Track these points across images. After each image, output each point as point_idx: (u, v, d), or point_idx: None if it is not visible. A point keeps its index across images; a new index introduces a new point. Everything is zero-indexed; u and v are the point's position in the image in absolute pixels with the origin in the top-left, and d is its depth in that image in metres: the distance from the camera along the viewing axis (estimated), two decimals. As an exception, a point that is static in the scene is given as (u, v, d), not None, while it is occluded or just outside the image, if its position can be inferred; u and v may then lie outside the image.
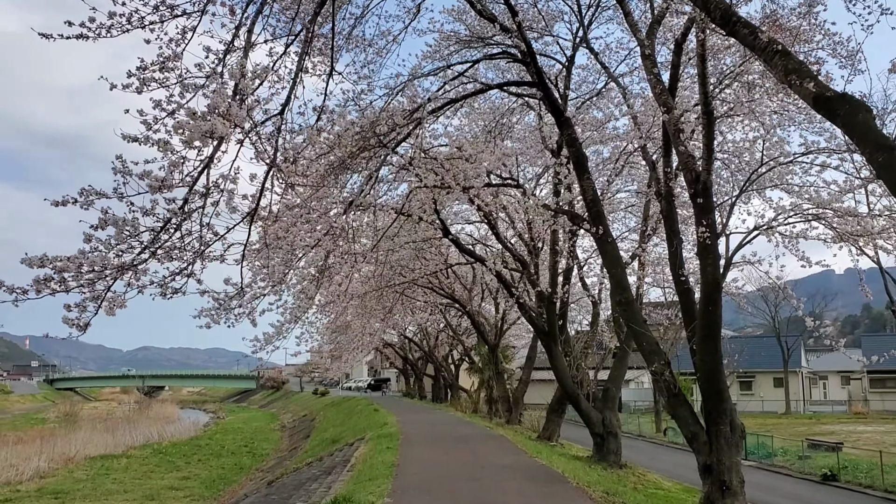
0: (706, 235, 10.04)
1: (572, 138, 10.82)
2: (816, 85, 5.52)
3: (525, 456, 12.80)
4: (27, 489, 23.50)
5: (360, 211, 12.94)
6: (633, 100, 13.01)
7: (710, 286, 10.22)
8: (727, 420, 10.77)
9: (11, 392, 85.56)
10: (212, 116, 4.29)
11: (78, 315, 4.76)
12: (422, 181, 12.00)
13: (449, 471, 10.81)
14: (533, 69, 10.67)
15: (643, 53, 10.94)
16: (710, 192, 10.19)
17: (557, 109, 10.88)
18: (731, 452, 10.73)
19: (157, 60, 4.77)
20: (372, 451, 14.36)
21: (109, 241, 4.60)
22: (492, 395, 32.50)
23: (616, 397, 18.33)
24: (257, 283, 10.83)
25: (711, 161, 10.19)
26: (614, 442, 17.25)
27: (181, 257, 5.17)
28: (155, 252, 4.82)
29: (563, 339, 18.31)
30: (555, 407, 22.82)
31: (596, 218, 10.85)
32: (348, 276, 12.42)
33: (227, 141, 4.74)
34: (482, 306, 33.08)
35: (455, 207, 22.47)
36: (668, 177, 10.89)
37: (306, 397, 66.71)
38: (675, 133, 10.29)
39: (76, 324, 4.76)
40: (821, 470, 21.07)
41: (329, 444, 23.60)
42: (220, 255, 5.81)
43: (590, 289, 24.50)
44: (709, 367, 10.57)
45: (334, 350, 34.08)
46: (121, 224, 4.58)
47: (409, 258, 22.05)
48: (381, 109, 10.17)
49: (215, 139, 4.55)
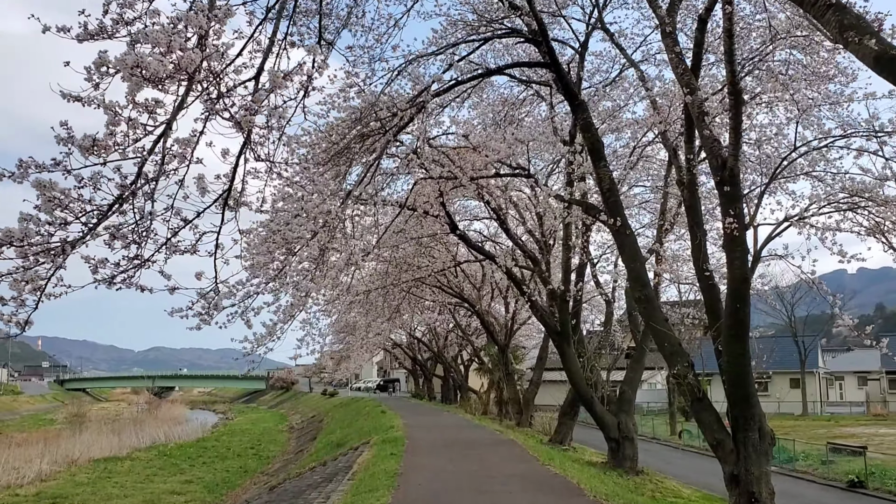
0: (734, 226, 9.22)
1: (587, 123, 10.03)
2: (878, 42, 4.73)
3: (537, 463, 12.03)
4: (26, 493, 23.02)
5: (360, 204, 12.24)
6: (652, 82, 12.17)
7: (738, 281, 9.40)
8: (756, 426, 9.95)
9: (22, 393, 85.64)
10: (153, 55, 3.59)
11: (14, 310, 4.07)
12: (427, 171, 11.26)
13: (455, 481, 10.06)
14: (545, 48, 9.90)
15: (663, 31, 10.14)
16: (738, 178, 9.36)
17: (571, 92, 10.10)
18: (760, 461, 9.92)
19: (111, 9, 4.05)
20: (375, 457, 13.65)
21: (38, 218, 3.90)
22: (502, 397, 31.79)
23: (632, 400, 17.51)
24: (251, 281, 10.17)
25: (739, 145, 9.38)
26: (630, 447, 16.44)
27: (138, 243, 4.45)
28: (93, 229, 4.08)
29: (576, 339, 17.51)
30: (567, 409, 22.06)
31: (613, 208, 10.05)
32: (348, 271, 11.68)
33: (184, 100, 4.03)
34: (492, 306, 32.41)
35: (462, 202, 21.79)
36: (691, 164, 10.08)
37: (315, 398, 66.25)
38: (699, 116, 9.49)
39: (11, 320, 4.06)
40: (847, 476, 20.11)
41: (334, 447, 22.98)
42: (192, 245, 5.09)
43: (603, 287, 23.72)
44: (736, 370, 9.76)
45: (343, 350, 33.52)
46: (57, 199, 3.88)
47: (414, 255, 21.32)
48: (381, 92, 9.43)
49: (164, 89, 3.85)
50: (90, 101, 4.10)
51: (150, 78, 3.74)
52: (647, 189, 21.57)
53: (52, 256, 4.20)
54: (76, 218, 4.19)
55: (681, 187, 10.32)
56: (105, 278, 4.64)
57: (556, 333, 17.07)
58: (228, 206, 5.00)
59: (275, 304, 9.83)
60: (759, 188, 10.96)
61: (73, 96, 4.09)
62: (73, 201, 4.20)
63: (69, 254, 4.21)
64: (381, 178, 13.79)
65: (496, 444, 15.96)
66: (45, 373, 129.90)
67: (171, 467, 29.01)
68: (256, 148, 5.19)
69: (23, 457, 28.80)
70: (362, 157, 10.58)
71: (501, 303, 31.79)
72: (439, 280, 25.40)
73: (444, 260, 23.48)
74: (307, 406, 60.43)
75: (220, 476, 26.78)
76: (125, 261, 4.50)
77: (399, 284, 22.78)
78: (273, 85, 4.44)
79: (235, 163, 4.91)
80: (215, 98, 4.35)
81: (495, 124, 15.31)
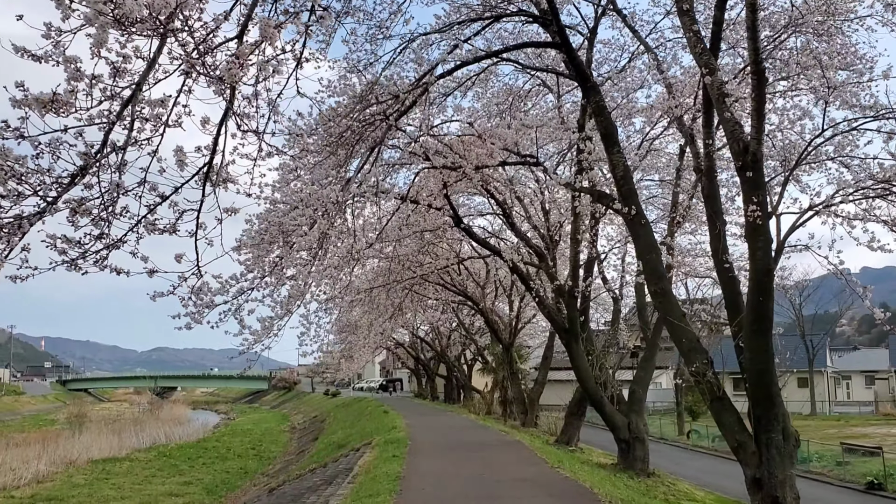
0: (756, 215, 8.67)
1: (600, 106, 9.47)
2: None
3: (546, 466, 11.46)
4: (21, 495, 22.57)
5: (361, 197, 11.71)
6: (668, 64, 11.58)
7: (761, 273, 8.85)
8: (779, 427, 9.40)
9: (23, 393, 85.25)
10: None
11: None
12: (429, 160, 10.72)
13: (461, 487, 9.50)
14: (555, 28, 9.35)
15: (680, 9, 9.60)
16: (761, 163, 8.81)
17: (583, 73, 9.54)
18: (784, 464, 9.36)
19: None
20: (377, 459, 13.11)
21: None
22: (506, 397, 31.24)
23: (643, 400, 16.94)
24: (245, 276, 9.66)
25: (762, 128, 8.82)
26: (641, 448, 15.86)
27: (106, 220, 3.91)
28: (52, 204, 3.55)
29: (584, 336, 16.92)
30: (574, 409, 21.51)
31: (628, 196, 9.49)
32: (348, 266, 11.14)
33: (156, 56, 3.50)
34: (496, 304, 31.88)
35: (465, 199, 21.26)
36: (710, 149, 9.52)
37: (317, 398, 65.85)
38: (720, 98, 8.93)
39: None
40: (864, 478, 19.49)
41: (335, 448, 22.48)
42: (171, 224, 4.55)
43: (610, 284, 23.17)
44: (759, 367, 9.20)
45: (345, 350, 33.03)
46: (10, 169, 3.35)
47: (417, 252, 20.80)
48: (381, 71, 8.89)
49: (134, 39, 3.32)
50: (48, 58, 3.57)
51: (120, 19, 3.21)
52: (654, 183, 21.02)
53: (6, 235, 3.67)
54: (34, 192, 3.67)
55: (699, 174, 9.77)
56: (71, 259, 4.11)
57: (565, 331, 16.51)
58: (210, 181, 4.48)
59: (269, 298, 9.33)
60: (780, 175, 10.38)
61: (28, 52, 3.56)
62: (29, 172, 3.67)
63: (26, 231, 3.68)
64: (382, 170, 13.28)
65: (502, 446, 15.40)
66: (48, 373, 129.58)
67: (171, 468, 28.57)
68: (243, 120, 4.65)
69: (21, 457, 28.41)
70: (362, 147, 10.05)
71: (505, 301, 31.29)
72: (442, 278, 24.89)
73: (447, 257, 22.96)
74: (309, 406, 60.02)
75: (219, 477, 26.33)
76: (89, 238, 3.96)
77: (402, 282, 22.26)
78: (264, 36, 3.91)
79: (217, 131, 4.38)
80: (193, 52, 3.81)
81: (500, 115, 14.77)
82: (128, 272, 4.72)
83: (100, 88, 3.51)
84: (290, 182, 10.04)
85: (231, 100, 4.16)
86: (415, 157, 12.98)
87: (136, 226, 4.30)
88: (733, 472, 23.70)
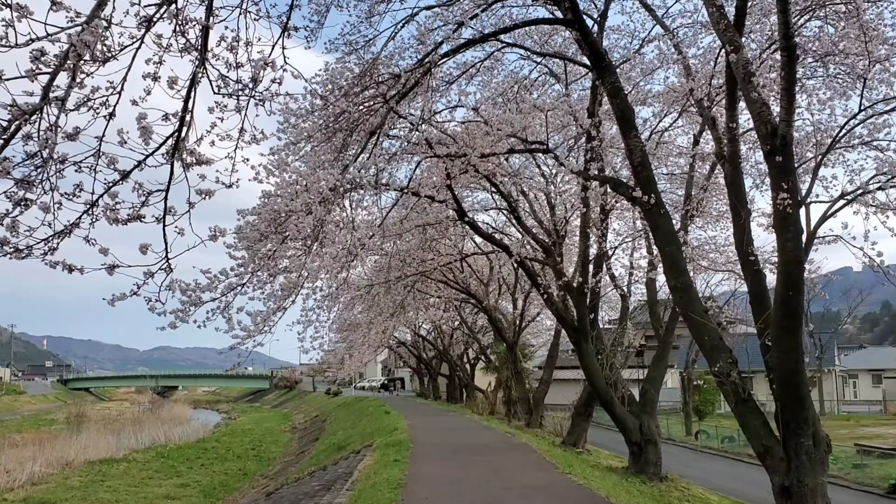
0: (787, 202, 8.01)
1: (616, 87, 8.82)
2: None
3: (556, 472, 10.81)
4: (14, 498, 21.99)
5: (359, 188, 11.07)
6: (689, 40, 10.91)
7: (791, 265, 8.18)
8: (809, 431, 8.73)
9: (24, 392, 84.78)
10: None
11: None
12: (432, 148, 10.08)
13: (466, 495, 8.86)
14: (567, 3, 8.70)
15: (702, -17, 8.95)
16: (791, 147, 8.15)
17: (598, 52, 8.89)
18: (814, 471, 8.69)
19: None
20: (377, 463, 12.48)
21: None
22: (510, 396, 30.62)
23: (655, 400, 16.31)
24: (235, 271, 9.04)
25: (793, 109, 8.16)
26: (654, 451, 15.22)
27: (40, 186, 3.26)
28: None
29: (594, 334, 16.27)
30: (581, 409, 20.89)
31: (646, 183, 8.84)
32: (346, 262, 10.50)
33: None
34: (499, 302, 31.27)
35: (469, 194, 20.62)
36: (734, 133, 8.86)
37: (319, 397, 65.32)
38: (745, 77, 8.27)
39: None
40: (885, 481, 18.81)
41: (336, 450, 21.87)
42: (135, 209, 3.91)
43: (618, 281, 22.51)
44: (787, 367, 8.54)
45: (346, 349, 32.45)
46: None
47: (419, 249, 20.17)
48: (381, 49, 8.25)
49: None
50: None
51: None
52: (664, 177, 20.36)
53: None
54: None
55: (721, 161, 9.12)
56: (14, 249, 3.47)
57: (574, 329, 15.85)
58: (178, 158, 3.83)
59: (261, 292, 8.70)
60: (810, 161, 9.72)
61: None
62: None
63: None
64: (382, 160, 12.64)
65: (508, 448, 14.76)
66: (49, 372, 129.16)
67: (168, 470, 27.97)
68: (221, 82, 4.00)
69: (16, 459, 27.87)
70: (360, 134, 9.41)
71: (509, 299, 30.68)
72: (445, 275, 24.26)
73: (449, 254, 22.31)
74: (310, 405, 59.47)
75: (217, 479, 25.74)
76: (12, 209, 3.30)
77: (403, 279, 21.62)
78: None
79: (186, 94, 3.73)
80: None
81: (505, 104, 14.16)
82: (81, 269, 4.04)
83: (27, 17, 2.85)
84: (284, 171, 9.43)
85: (204, 45, 3.52)
86: (417, 147, 12.33)
87: (91, 208, 3.66)
88: (745, 474, 23.05)
